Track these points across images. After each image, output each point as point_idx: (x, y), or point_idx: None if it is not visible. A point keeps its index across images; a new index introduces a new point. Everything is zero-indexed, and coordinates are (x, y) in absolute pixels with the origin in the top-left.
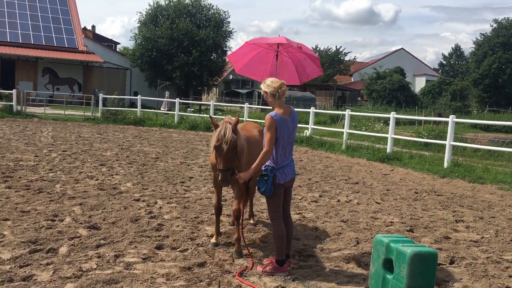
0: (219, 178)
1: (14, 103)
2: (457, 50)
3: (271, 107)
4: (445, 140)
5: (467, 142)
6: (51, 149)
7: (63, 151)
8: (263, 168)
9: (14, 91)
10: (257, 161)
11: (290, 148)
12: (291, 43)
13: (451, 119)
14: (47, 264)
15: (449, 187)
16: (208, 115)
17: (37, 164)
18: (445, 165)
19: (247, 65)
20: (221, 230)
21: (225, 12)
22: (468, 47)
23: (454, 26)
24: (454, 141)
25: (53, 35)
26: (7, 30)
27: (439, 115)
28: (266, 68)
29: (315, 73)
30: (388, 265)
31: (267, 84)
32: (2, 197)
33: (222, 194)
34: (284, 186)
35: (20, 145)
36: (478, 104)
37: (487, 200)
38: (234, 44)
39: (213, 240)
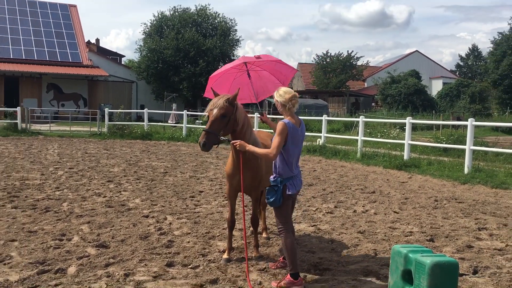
0: (199, 139)
1: (18, 120)
2: (474, 51)
3: (282, 117)
4: (465, 144)
5: (488, 146)
6: (57, 166)
7: (70, 168)
8: (272, 179)
9: (18, 109)
10: (258, 150)
11: (297, 159)
12: (250, 58)
13: (470, 122)
14: (56, 285)
15: (470, 193)
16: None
17: (43, 183)
18: (466, 170)
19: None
20: (233, 245)
21: (231, 20)
22: (486, 46)
23: (470, 25)
24: (474, 145)
25: (57, 50)
26: (10, 47)
27: (458, 119)
28: (249, 88)
29: (291, 72)
30: (407, 276)
31: (280, 94)
32: (8, 217)
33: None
34: (292, 198)
35: (25, 164)
36: (498, 106)
37: (511, 206)
38: (241, 52)
39: (225, 255)
